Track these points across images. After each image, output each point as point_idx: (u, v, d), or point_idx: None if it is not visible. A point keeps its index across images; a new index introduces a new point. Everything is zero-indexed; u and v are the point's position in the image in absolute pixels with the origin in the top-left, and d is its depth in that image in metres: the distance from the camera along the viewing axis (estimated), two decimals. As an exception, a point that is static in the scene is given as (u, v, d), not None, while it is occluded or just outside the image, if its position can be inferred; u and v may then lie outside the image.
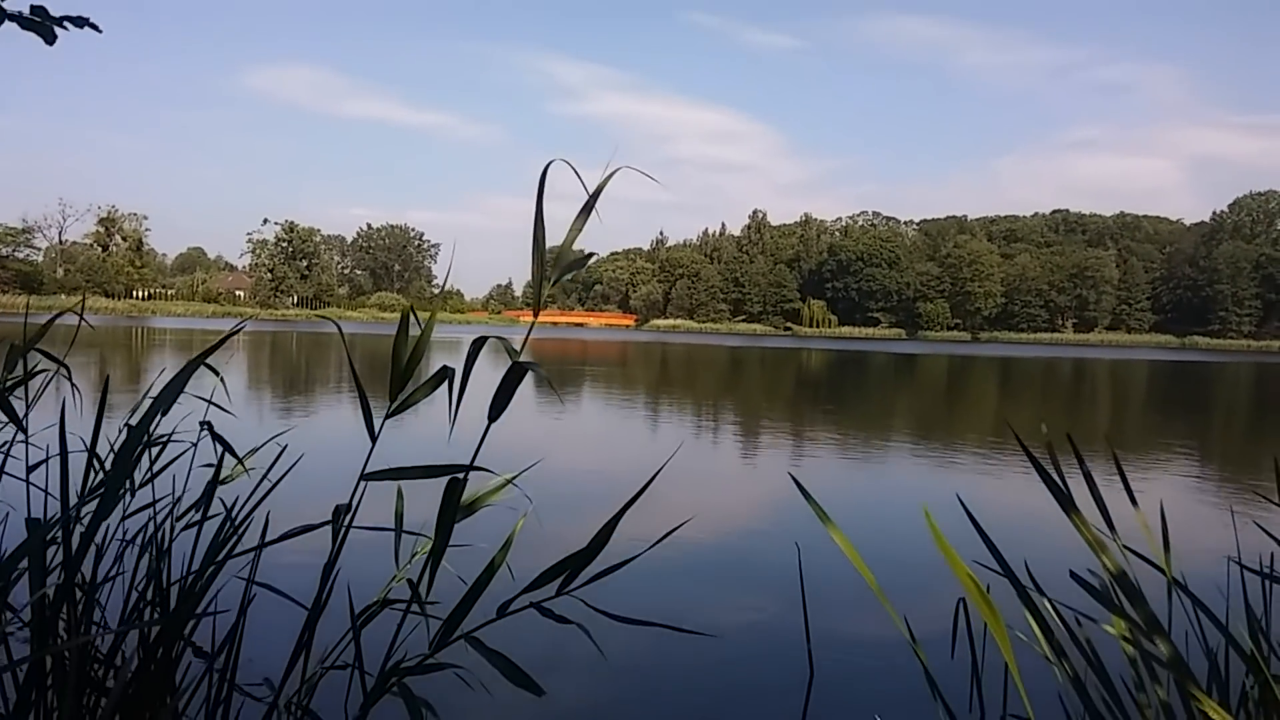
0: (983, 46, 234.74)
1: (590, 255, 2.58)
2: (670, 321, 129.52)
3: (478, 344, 2.59)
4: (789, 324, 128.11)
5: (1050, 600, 1.94)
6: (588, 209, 2.48)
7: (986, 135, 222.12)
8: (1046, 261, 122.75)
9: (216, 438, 3.30)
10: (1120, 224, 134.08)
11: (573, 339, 72.32)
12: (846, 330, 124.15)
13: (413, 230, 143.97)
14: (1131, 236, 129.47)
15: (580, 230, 2.36)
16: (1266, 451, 13.82)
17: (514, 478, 2.87)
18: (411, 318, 2.52)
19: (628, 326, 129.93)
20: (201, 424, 3.18)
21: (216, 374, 2.91)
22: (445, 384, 2.53)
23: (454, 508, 2.60)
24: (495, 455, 2.75)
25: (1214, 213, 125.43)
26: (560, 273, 2.46)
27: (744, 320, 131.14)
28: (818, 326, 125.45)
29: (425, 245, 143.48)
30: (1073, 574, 1.85)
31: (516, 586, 2.43)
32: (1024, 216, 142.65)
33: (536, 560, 2.72)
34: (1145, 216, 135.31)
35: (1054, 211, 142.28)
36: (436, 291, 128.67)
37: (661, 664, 4.33)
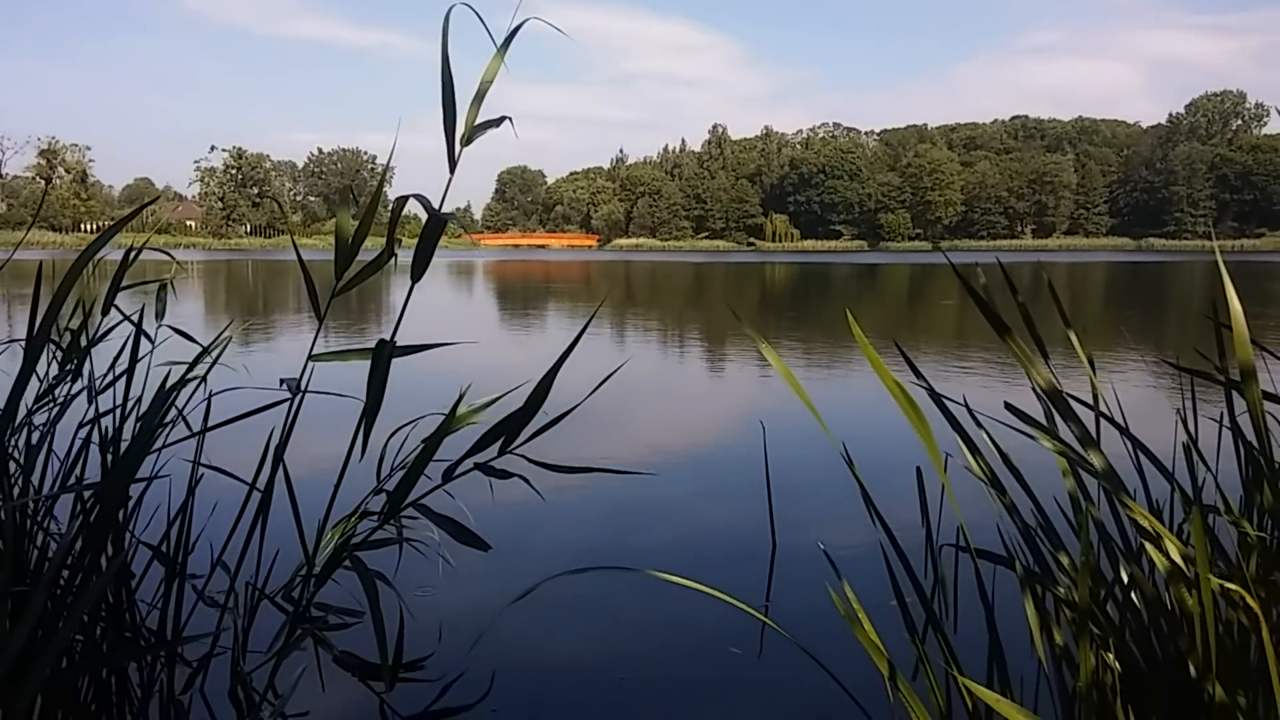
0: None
1: (504, 118, 2.51)
2: (633, 241, 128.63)
3: (404, 198, 2.53)
4: (752, 239, 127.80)
5: (986, 431, 1.97)
6: (502, 52, 2.40)
7: (946, 42, 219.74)
8: (1005, 168, 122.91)
9: (178, 332, 3.23)
10: (1078, 128, 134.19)
11: (535, 260, 71.75)
12: (810, 244, 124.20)
13: (365, 154, 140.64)
14: (1090, 141, 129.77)
15: (494, 77, 2.28)
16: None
17: (446, 345, 2.84)
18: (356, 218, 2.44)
19: (590, 247, 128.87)
20: (157, 320, 3.12)
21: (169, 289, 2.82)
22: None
23: (383, 371, 2.57)
24: (461, 371, 2.71)
25: (1170, 115, 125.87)
26: (472, 131, 2.39)
27: (707, 237, 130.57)
28: (781, 241, 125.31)
29: (378, 169, 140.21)
30: (1007, 405, 1.87)
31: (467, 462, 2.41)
32: (983, 124, 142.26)
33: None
34: (1103, 120, 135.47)
35: (1013, 118, 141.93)
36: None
37: (622, 544, 4.40)
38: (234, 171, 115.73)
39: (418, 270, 2.71)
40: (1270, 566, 1.54)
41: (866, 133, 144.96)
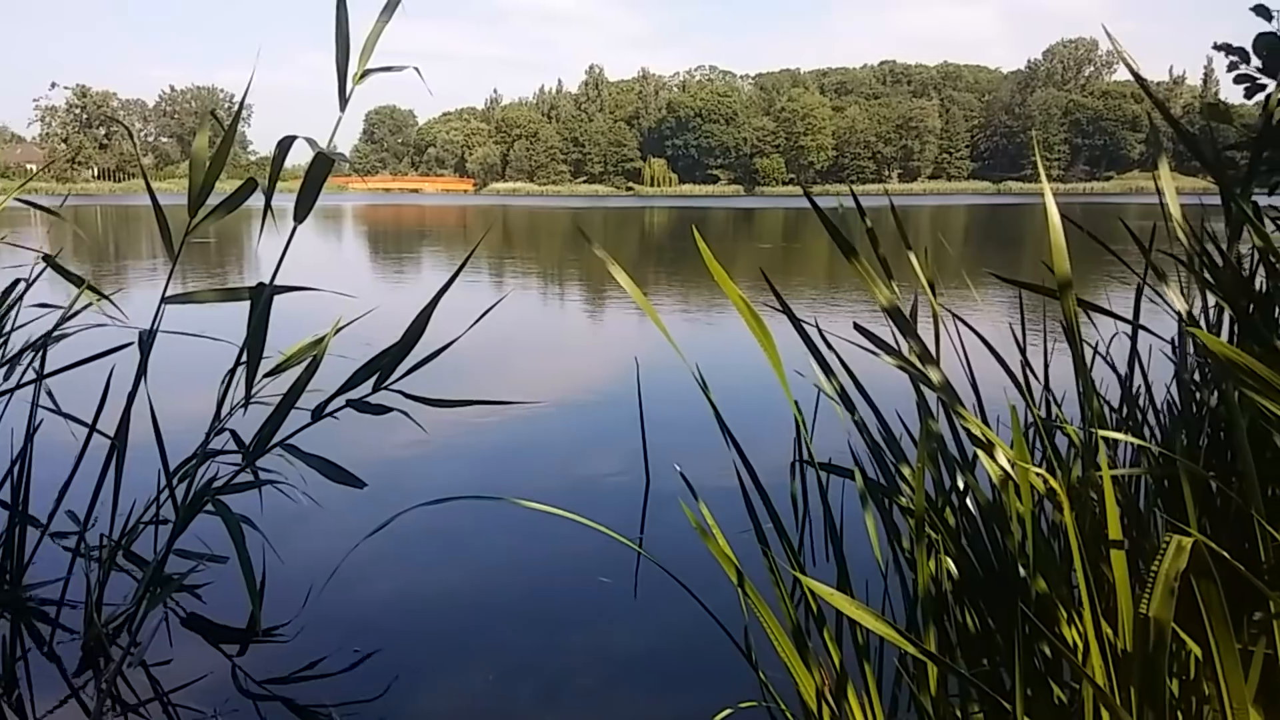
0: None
1: (404, 67, 2.44)
2: (510, 185, 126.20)
3: (283, 144, 2.41)
4: (631, 184, 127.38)
5: (836, 353, 2.06)
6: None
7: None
8: (874, 114, 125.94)
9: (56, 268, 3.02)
10: (943, 74, 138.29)
11: (408, 205, 69.66)
12: (688, 188, 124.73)
13: (223, 92, 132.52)
14: (954, 86, 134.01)
15: (390, 17, 2.21)
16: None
17: (323, 291, 2.78)
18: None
19: (466, 191, 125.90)
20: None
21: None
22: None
23: (262, 319, 2.50)
24: (335, 317, 2.64)
25: (1029, 60, 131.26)
26: (363, 73, 2.32)
27: (585, 181, 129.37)
28: (659, 186, 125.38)
29: (237, 107, 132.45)
30: (856, 325, 1.96)
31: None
32: (854, 68, 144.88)
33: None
34: (966, 66, 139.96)
35: (881, 63, 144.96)
36: (254, 159, 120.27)
37: (505, 479, 4.41)
38: (78, 111, 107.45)
39: (301, 210, 2.62)
40: (1089, 463, 1.69)
41: (742, 76, 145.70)
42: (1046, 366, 2.37)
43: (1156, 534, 1.89)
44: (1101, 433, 1.40)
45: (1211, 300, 2.17)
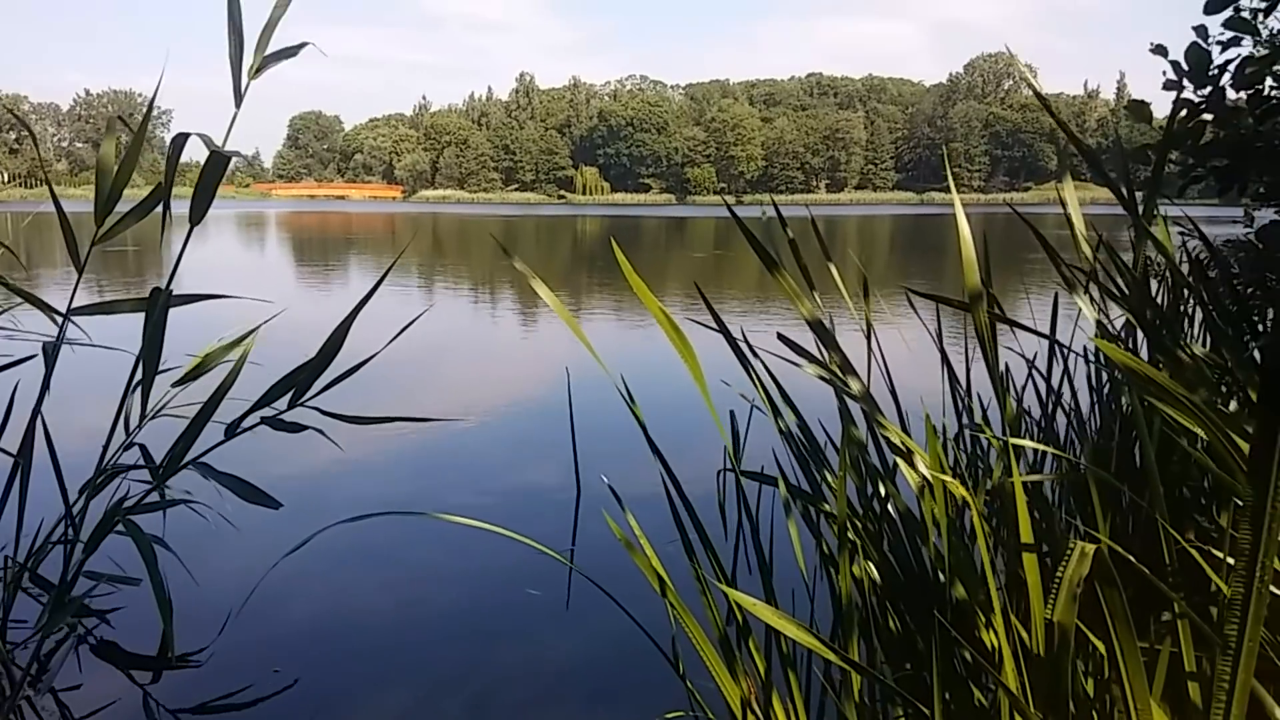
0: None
1: (303, 44, 2.38)
2: (440, 192, 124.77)
3: (179, 141, 2.36)
4: (563, 192, 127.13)
5: (763, 363, 2.08)
6: None
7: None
8: (802, 125, 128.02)
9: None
10: (868, 87, 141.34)
11: (334, 211, 68.39)
12: (620, 197, 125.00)
13: (140, 96, 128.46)
14: (878, 99, 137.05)
15: (287, 6, 2.16)
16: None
17: (229, 298, 2.70)
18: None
19: (394, 198, 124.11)
20: None
21: None
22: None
23: (158, 326, 2.41)
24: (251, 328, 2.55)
25: (950, 74, 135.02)
26: (263, 62, 2.26)
27: (517, 189, 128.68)
28: (591, 194, 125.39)
29: (156, 113, 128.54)
30: (780, 335, 1.98)
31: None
32: (782, 80, 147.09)
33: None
34: (890, 79, 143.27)
35: (809, 75, 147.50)
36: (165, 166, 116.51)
37: (434, 491, 4.34)
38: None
39: (197, 212, 2.53)
40: (1001, 471, 1.73)
41: (673, 86, 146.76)
42: (968, 375, 2.42)
43: (1079, 538, 1.94)
44: (1013, 441, 1.43)
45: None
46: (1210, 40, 2.37)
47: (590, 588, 1.89)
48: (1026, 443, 1.40)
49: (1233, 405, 1.71)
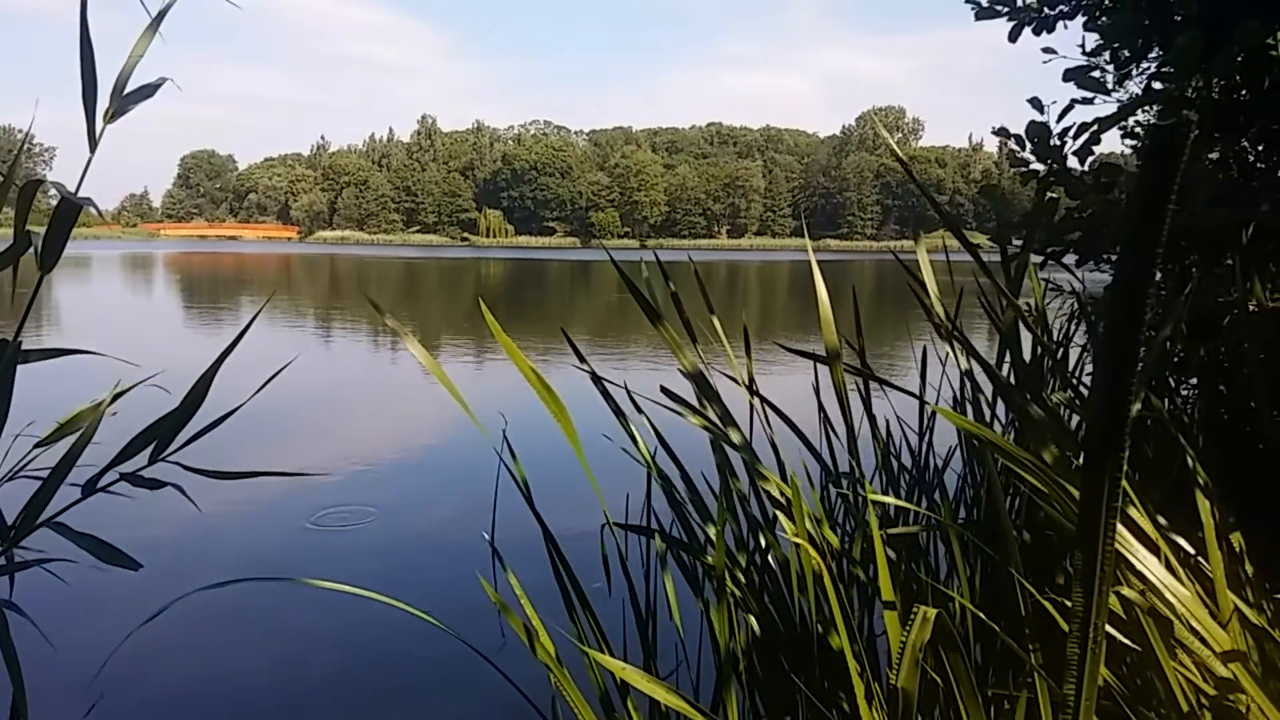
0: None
1: (162, 80, 2.29)
2: (338, 233, 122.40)
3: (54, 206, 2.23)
4: (466, 234, 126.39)
5: (646, 415, 2.08)
6: (156, 24, 2.19)
7: (647, 48, 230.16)
8: (704, 172, 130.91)
9: None
10: (766, 137, 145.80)
11: (226, 253, 66.28)
12: (524, 239, 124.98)
13: (18, 132, 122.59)
14: (775, 149, 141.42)
15: (146, 47, 2.07)
16: (883, 330, 15.94)
17: (89, 353, 2.56)
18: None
19: (289, 239, 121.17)
20: None
21: None
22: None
23: (4, 376, 2.27)
24: (120, 377, 2.43)
25: (843, 126, 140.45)
26: (121, 103, 2.17)
27: (419, 231, 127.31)
28: (495, 236, 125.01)
29: (37, 150, 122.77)
30: (662, 388, 1.98)
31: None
32: (683, 129, 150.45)
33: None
34: (787, 130, 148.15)
35: (709, 124, 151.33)
36: (54, 203, 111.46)
37: (314, 547, 4.18)
38: None
39: (47, 259, 2.40)
40: (887, 521, 1.76)
41: (576, 132, 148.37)
42: (849, 425, 2.47)
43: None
44: (872, 497, 1.46)
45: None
46: (1048, 107, 2.51)
47: (477, 644, 1.84)
48: (885, 498, 1.42)
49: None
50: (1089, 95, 2.43)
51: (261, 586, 3.39)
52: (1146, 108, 2.29)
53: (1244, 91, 1.93)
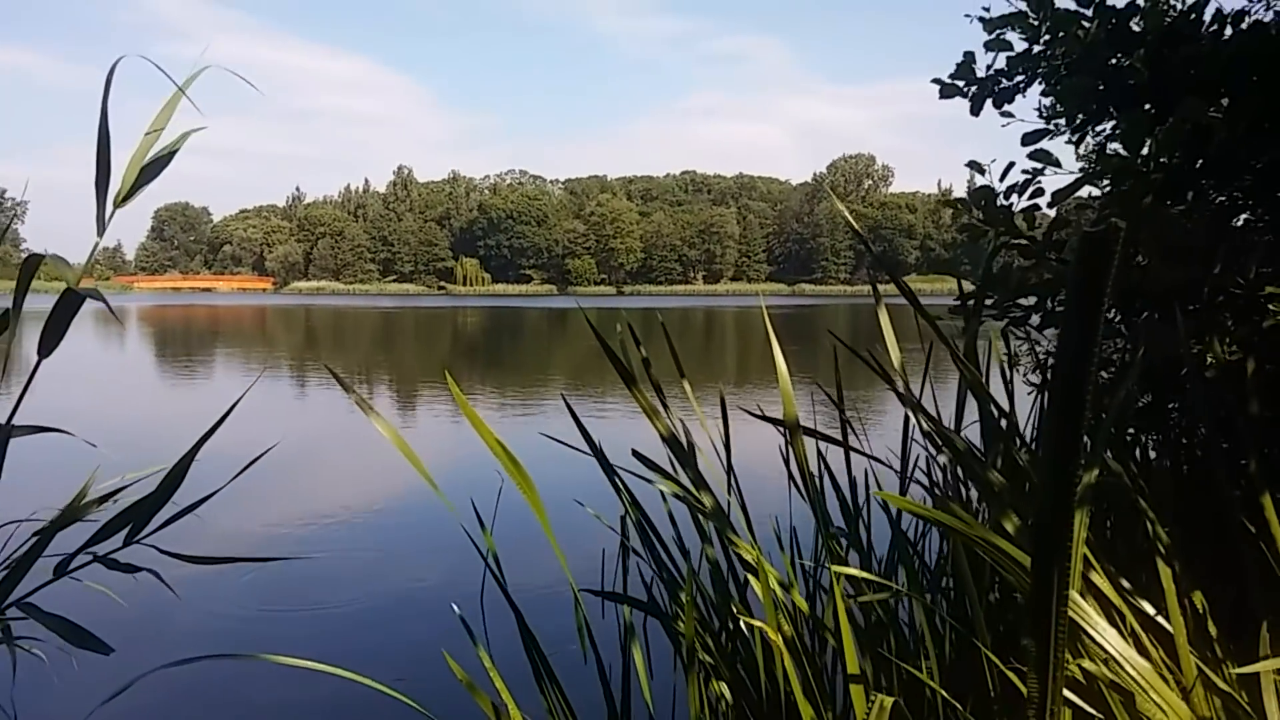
0: (609, 11, 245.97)
1: (166, 157, 2.31)
2: (314, 284, 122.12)
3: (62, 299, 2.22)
4: (443, 283, 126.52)
5: (619, 478, 2.08)
6: (170, 109, 2.22)
7: (620, 98, 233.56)
8: (678, 219, 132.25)
9: None
10: (739, 184, 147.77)
11: (199, 305, 65.87)
12: (501, 288, 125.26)
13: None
14: (749, 195, 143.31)
15: (163, 129, 2.09)
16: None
17: (62, 432, 2.54)
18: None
19: (264, 290, 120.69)
20: None
21: None
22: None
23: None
24: (97, 444, 2.40)
25: (815, 174, 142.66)
26: (128, 192, 2.18)
27: (395, 280, 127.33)
28: (472, 285, 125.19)
29: (7, 203, 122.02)
30: (634, 451, 1.99)
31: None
32: (658, 176, 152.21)
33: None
34: (760, 177, 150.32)
35: (683, 172, 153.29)
36: (25, 254, 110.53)
37: (284, 618, 4.11)
38: None
39: (47, 345, 2.38)
40: (857, 582, 1.76)
41: (552, 181, 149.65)
42: (820, 487, 2.48)
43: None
44: (836, 569, 1.47)
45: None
46: (988, 165, 2.58)
47: (442, 715, 1.81)
48: (848, 570, 1.43)
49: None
50: (1039, 164, 2.50)
51: (227, 658, 3.32)
52: (1097, 180, 2.36)
53: (1190, 162, 1.99)
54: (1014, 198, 2.33)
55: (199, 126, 2.23)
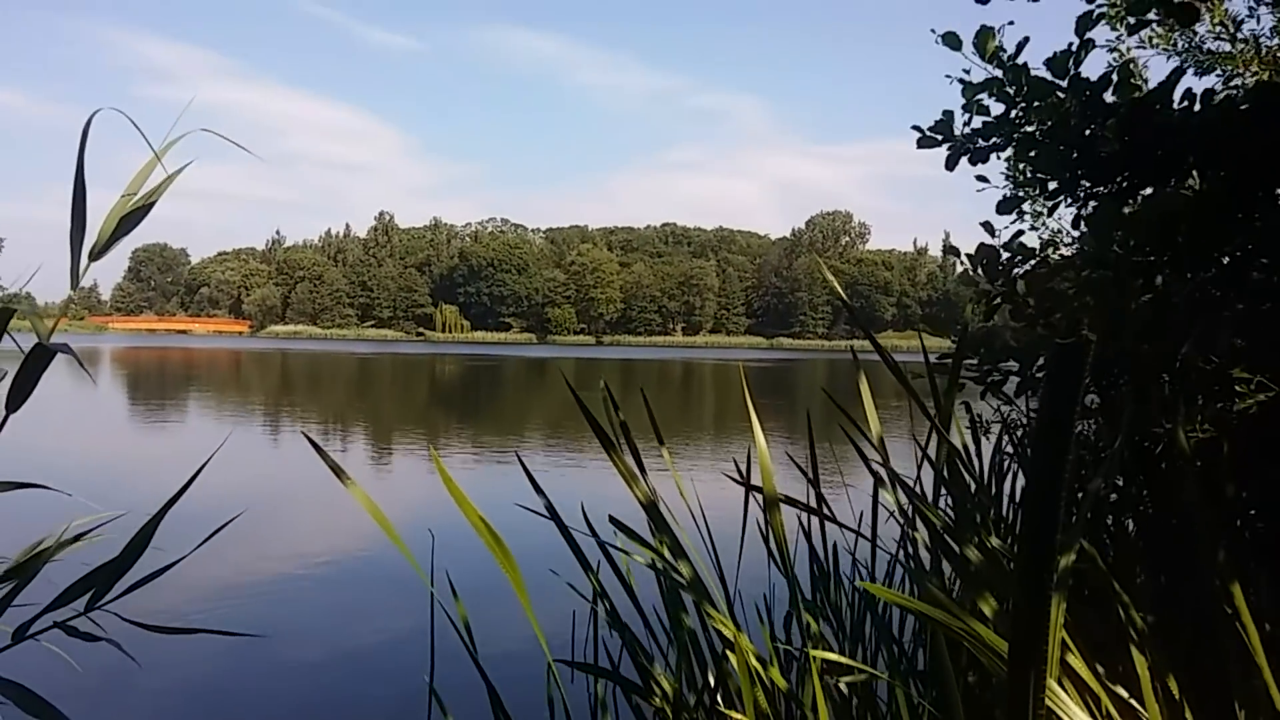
0: (591, 67, 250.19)
1: (150, 205, 2.30)
2: (291, 328, 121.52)
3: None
4: (421, 329, 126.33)
5: (599, 541, 2.07)
6: (151, 166, 2.22)
7: (602, 150, 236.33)
8: (658, 270, 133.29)
9: None
10: (719, 238, 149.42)
11: (174, 347, 65.27)
12: (480, 335, 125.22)
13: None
14: (728, 249, 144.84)
15: (140, 186, 2.09)
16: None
17: (35, 487, 2.49)
18: None
19: (241, 333, 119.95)
20: None
21: None
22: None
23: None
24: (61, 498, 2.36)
25: (793, 229, 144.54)
26: (104, 246, 2.17)
27: (374, 326, 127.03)
28: (451, 331, 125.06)
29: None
30: (611, 518, 1.98)
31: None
32: (638, 228, 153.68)
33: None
34: (739, 231, 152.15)
35: (663, 224, 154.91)
36: (1, 294, 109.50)
37: (241, 689, 4.01)
38: None
39: (15, 400, 2.35)
40: (833, 668, 1.75)
41: (533, 230, 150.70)
42: (811, 545, 2.47)
43: None
44: (812, 652, 1.46)
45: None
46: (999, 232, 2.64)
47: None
48: (828, 655, 1.42)
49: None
50: (1023, 225, 2.56)
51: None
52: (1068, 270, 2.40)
53: (1159, 254, 2.04)
54: (1015, 266, 2.37)
55: (178, 170, 2.23)
